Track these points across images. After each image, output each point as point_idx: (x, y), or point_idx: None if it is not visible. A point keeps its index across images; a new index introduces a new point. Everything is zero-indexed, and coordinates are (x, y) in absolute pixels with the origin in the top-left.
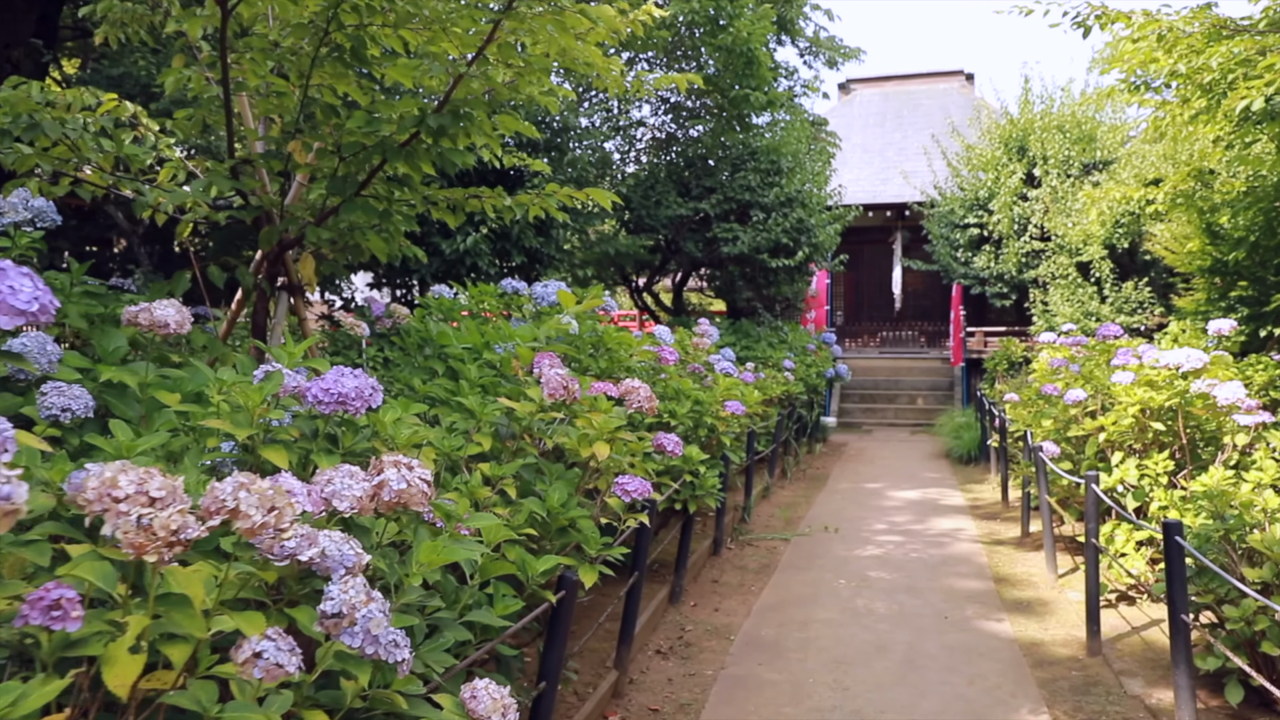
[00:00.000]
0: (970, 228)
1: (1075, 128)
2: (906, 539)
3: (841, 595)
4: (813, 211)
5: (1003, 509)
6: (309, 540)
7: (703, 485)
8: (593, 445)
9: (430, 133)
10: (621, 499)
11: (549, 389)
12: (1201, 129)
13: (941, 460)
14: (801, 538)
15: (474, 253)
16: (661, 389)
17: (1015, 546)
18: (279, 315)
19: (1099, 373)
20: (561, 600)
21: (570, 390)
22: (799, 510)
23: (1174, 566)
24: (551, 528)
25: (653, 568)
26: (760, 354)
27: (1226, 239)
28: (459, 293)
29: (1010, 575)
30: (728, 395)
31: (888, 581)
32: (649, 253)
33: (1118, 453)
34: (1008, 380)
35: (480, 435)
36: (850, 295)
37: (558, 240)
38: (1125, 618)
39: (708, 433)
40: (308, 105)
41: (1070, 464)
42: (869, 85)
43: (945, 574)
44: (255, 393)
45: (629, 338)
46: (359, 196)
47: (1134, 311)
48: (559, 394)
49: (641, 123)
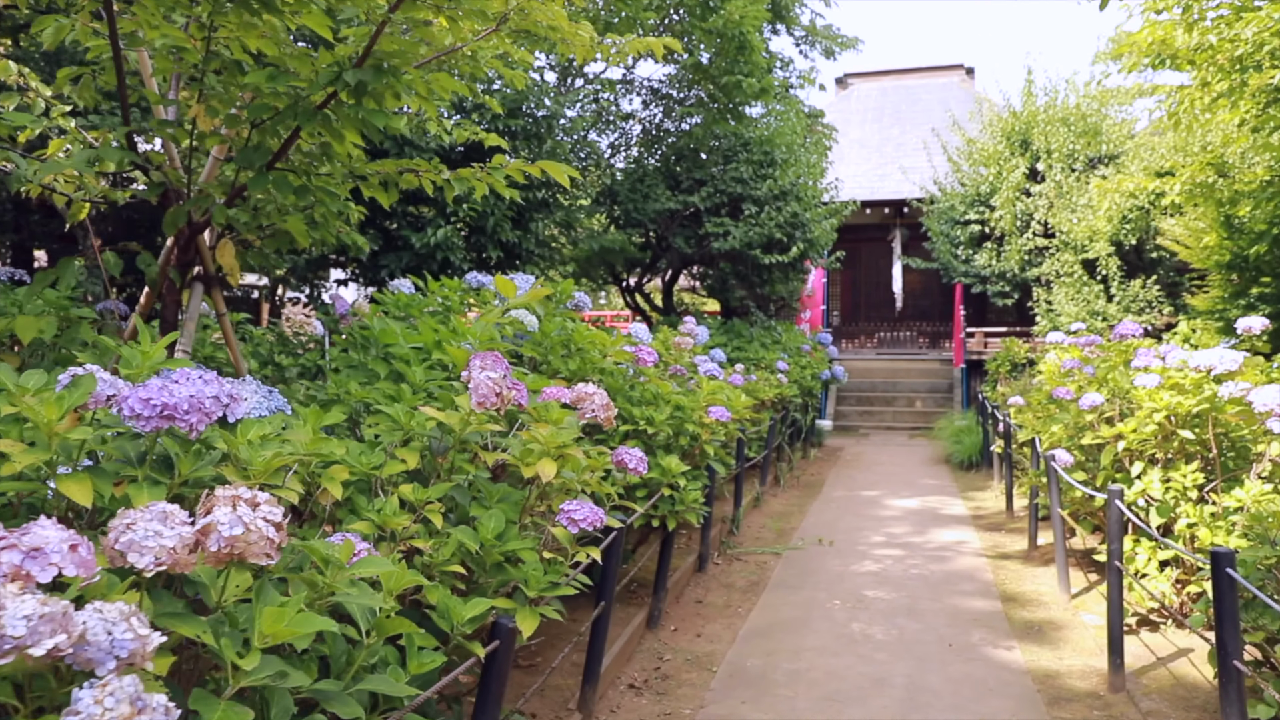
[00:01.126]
0: (971, 224)
1: (1080, 121)
2: (906, 553)
3: (836, 618)
4: (808, 205)
5: (1007, 519)
6: (54, 623)
7: (683, 499)
8: (537, 462)
9: (349, 91)
10: (568, 529)
11: (477, 396)
12: (1222, 115)
13: (941, 466)
14: (794, 551)
15: (446, 246)
16: (640, 393)
17: (1023, 561)
18: (191, 310)
19: (1116, 375)
20: (494, 654)
21: (504, 397)
22: (792, 521)
23: (1225, 604)
24: (486, 562)
25: (630, 588)
26: (752, 355)
27: (1246, 232)
28: (422, 288)
29: (1019, 594)
30: (712, 400)
31: (886, 602)
32: (639, 250)
33: (1138, 462)
34: (1010, 382)
35: (406, 450)
36: (848, 295)
37: (537, 233)
38: (1149, 646)
39: (690, 441)
40: (209, 62)
41: (1084, 474)
42: (867, 80)
43: (948, 593)
44: (52, 406)
45: (603, 337)
46: (273, 170)
47: (1142, 311)
48: (489, 402)
49: (631, 115)
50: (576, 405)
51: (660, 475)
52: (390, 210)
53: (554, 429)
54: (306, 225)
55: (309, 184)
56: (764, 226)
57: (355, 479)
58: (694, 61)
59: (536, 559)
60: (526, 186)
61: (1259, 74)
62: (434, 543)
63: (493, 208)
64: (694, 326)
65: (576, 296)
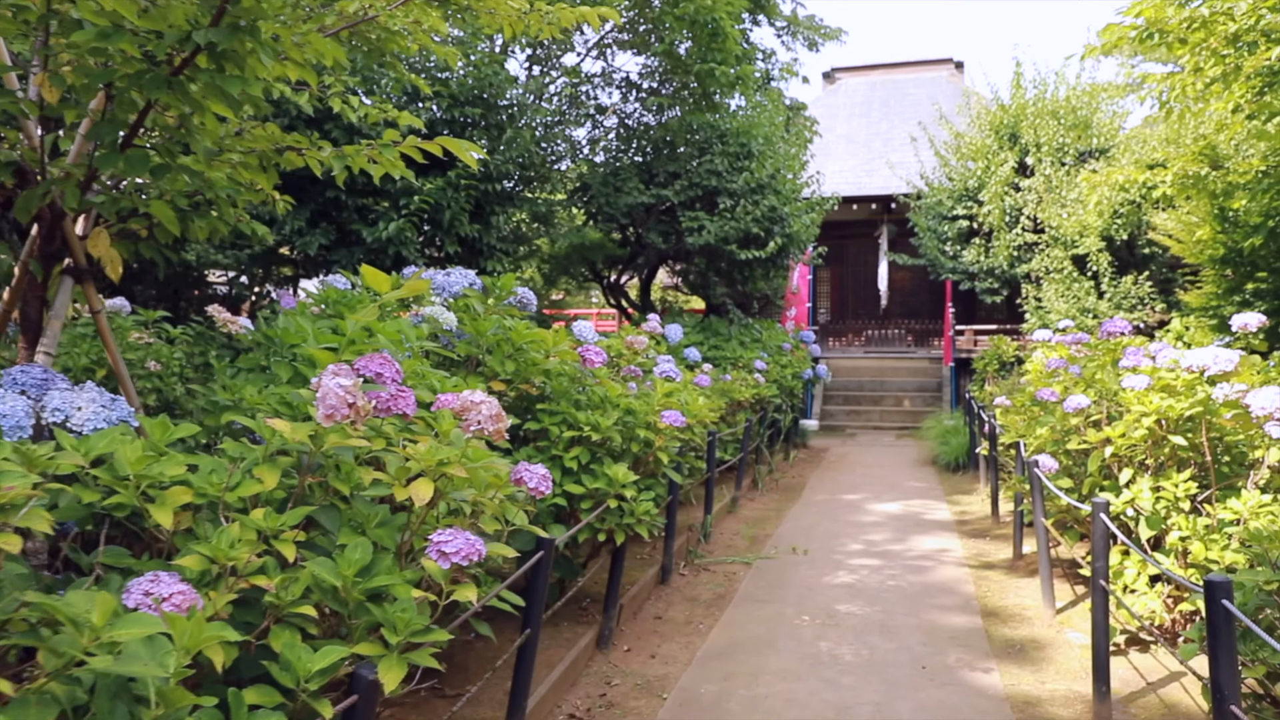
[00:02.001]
0: (959, 219)
1: (1070, 114)
2: (884, 562)
3: (803, 637)
4: (786, 199)
5: (993, 525)
6: None
7: (633, 511)
8: (410, 484)
9: (210, 56)
10: (439, 564)
11: (325, 407)
12: (1215, 103)
13: (927, 468)
14: (766, 561)
15: (399, 241)
16: (588, 397)
17: (1007, 571)
18: (57, 308)
19: (1104, 376)
20: (350, 713)
21: (360, 408)
22: (767, 527)
23: (1221, 639)
24: (349, 602)
25: (581, 604)
26: (730, 354)
27: (1240, 226)
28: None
29: (1001, 608)
30: (666, 404)
31: (858, 618)
32: (619, 246)
33: (1126, 469)
34: (998, 382)
35: (264, 468)
36: (835, 292)
37: (499, 227)
38: (1138, 668)
39: (642, 448)
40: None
41: (1070, 480)
42: (854, 74)
43: (926, 607)
44: None
45: (544, 335)
46: (130, 147)
47: (1133, 308)
48: (340, 414)
49: (602, 107)
50: (461, 415)
51: (606, 485)
52: (341, 203)
53: (434, 444)
54: (194, 211)
55: (171, 163)
56: (740, 221)
57: (204, 501)
58: (666, 49)
59: (410, 597)
60: (483, 178)
61: (1253, 55)
62: (281, 579)
63: (449, 200)
64: (655, 324)
65: (519, 292)
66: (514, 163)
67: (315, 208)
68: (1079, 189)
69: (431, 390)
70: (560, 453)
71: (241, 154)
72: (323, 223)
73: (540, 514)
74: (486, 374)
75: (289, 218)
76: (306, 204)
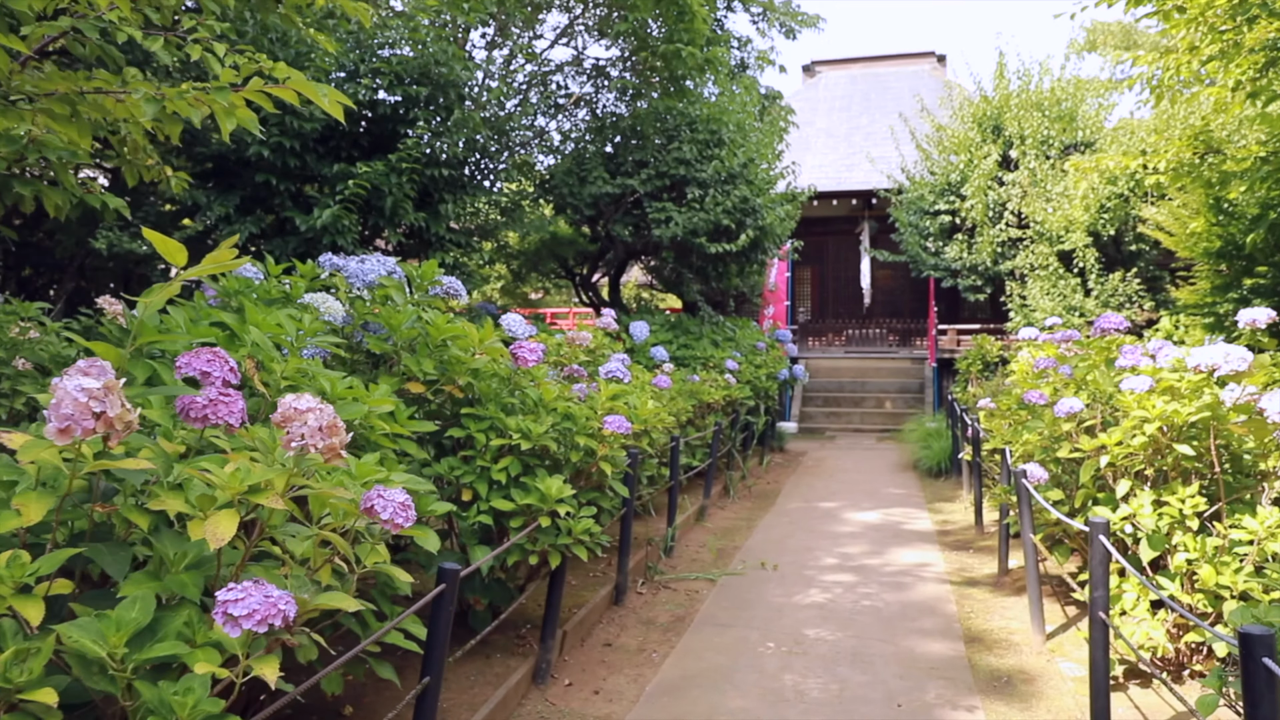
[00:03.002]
0: (941, 215)
1: (1054, 105)
2: (859, 578)
3: (767, 668)
4: (760, 190)
5: (977, 536)
6: None
7: (569, 530)
8: (207, 520)
9: None
10: (227, 630)
11: (60, 417)
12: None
13: (908, 473)
14: (732, 577)
15: (334, 229)
16: (520, 401)
17: (992, 589)
18: None
19: (1098, 377)
20: None
21: (115, 419)
22: (736, 539)
23: (1262, 708)
24: (117, 680)
25: (519, 632)
26: (701, 353)
27: (1238, 217)
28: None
29: (986, 633)
30: (611, 408)
31: (829, 645)
32: (589, 241)
33: (1123, 480)
34: (982, 383)
35: (29, 496)
36: (815, 291)
37: (448, 217)
38: (1139, 706)
39: (583, 458)
40: None
41: (1060, 492)
42: (835, 67)
43: (904, 631)
44: None
45: (469, 330)
46: None
47: (1121, 305)
48: (82, 427)
49: (570, 94)
50: (282, 427)
51: (539, 501)
52: (273, 188)
53: (247, 465)
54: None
55: None
56: (710, 212)
57: None
58: (631, 28)
59: (209, 671)
60: (428, 162)
61: (1253, 29)
62: (13, 652)
63: (390, 185)
64: (612, 320)
65: (445, 282)
66: (463, 145)
67: (245, 194)
68: (1065, 182)
69: (321, 394)
70: (487, 463)
71: (42, 99)
72: (255, 210)
73: (463, 533)
74: (399, 373)
75: (213, 203)
76: (234, 190)
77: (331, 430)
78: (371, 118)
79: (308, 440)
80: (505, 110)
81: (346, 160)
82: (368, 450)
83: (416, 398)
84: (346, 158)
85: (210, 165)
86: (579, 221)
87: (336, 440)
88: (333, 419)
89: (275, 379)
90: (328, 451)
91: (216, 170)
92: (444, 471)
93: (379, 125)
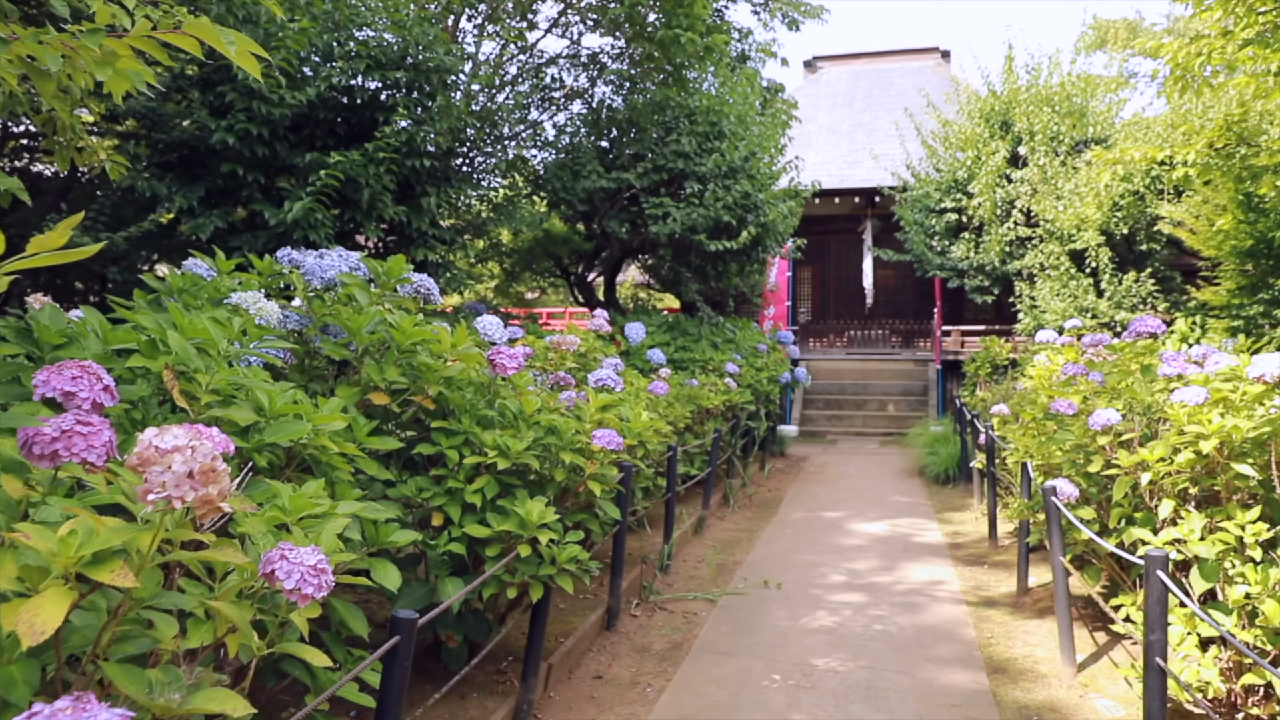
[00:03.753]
0: (947, 213)
1: (1065, 101)
2: (870, 599)
3: (772, 705)
4: (762, 185)
5: (990, 549)
6: None
7: (553, 559)
8: (23, 607)
9: None
10: None
11: None
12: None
13: (914, 479)
14: (733, 597)
15: (306, 223)
16: (499, 413)
17: (1012, 610)
18: None
19: (1134, 385)
20: None
21: None
22: (737, 553)
23: None
24: None
25: (500, 665)
26: (699, 356)
27: (1269, 214)
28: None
29: (1010, 661)
30: (601, 420)
31: (840, 677)
32: (584, 239)
33: (1167, 500)
34: (991, 386)
35: None
36: (816, 291)
37: (431, 211)
38: None
39: (568, 476)
40: None
41: (1090, 510)
42: (837, 63)
43: (920, 660)
44: None
45: (439, 334)
46: None
47: (1135, 307)
48: None
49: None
50: (139, 471)
51: (517, 527)
52: (240, 179)
53: (87, 526)
54: None
55: None
56: (709, 208)
57: None
58: (627, 10)
59: None
60: (408, 152)
61: None
62: None
63: (367, 176)
64: (604, 321)
65: (416, 280)
66: (445, 134)
67: (211, 185)
68: (1076, 179)
69: (258, 409)
70: (460, 484)
71: None
72: (223, 203)
73: (433, 563)
74: (362, 382)
75: (174, 195)
76: (199, 181)
77: (207, 476)
78: (348, 104)
79: (171, 492)
80: (496, 103)
81: (321, 150)
82: (319, 474)
83: (381, 410)
84: (321, 147)
85: (172, 155)
86: (573, 218)
87: (214, 489)
88: (209, 461)
89: (202, 392)
90: (201, 505)
91: (180, 160)
92: (410, 493)
93: (357, 113)
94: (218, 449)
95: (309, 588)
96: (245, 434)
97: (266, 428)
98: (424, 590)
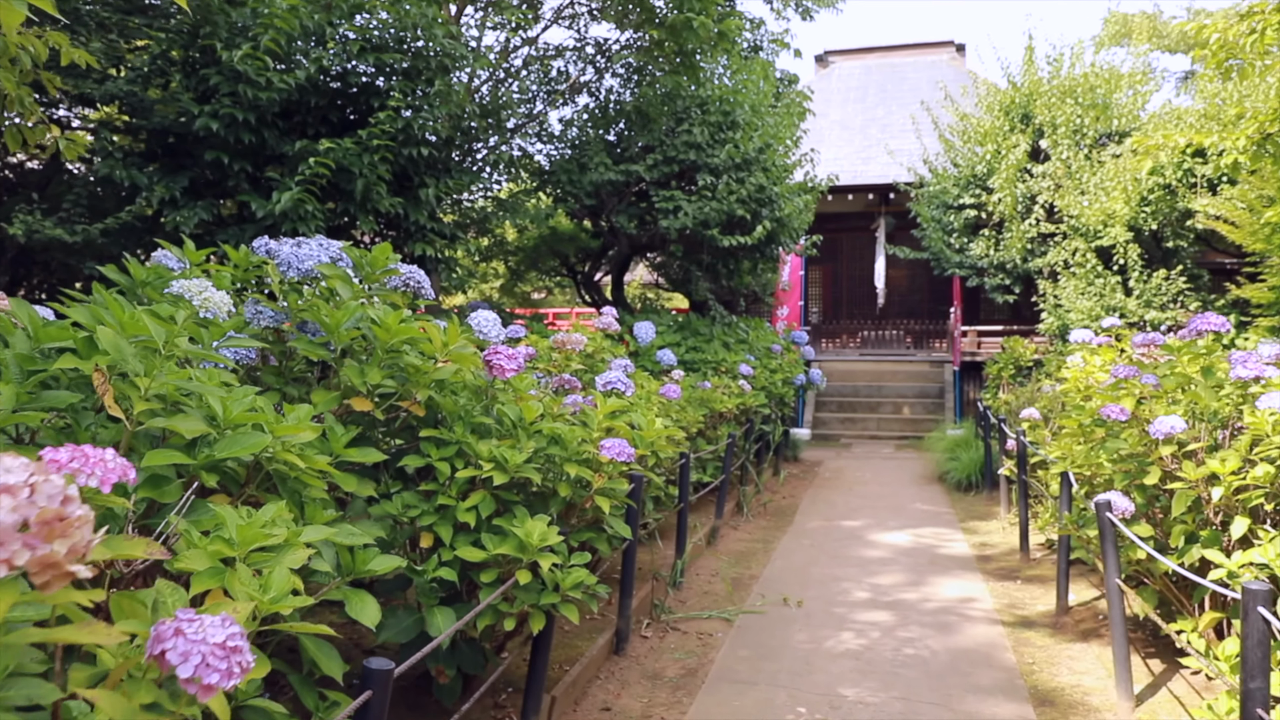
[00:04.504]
0: (966, 209)
1: (1088, 93)
2: (898, 618)
3: None
4: (777, 178)
5: (1022, 562)
6: None
7: (556, 585)
8: None
9: None
10: None
11: None
12: None
13: (934, 486)
14: (750, 616)
15: (295, 215)
16: (496, 422)
17: (1052, 631)
18: None
19: (1198, 390)
20: None
21: None
22: (753, 565)
23: None
24: None
25: (499, 697)
26: (712, 357)
27: None
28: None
29: (1056, 691)
30: (610, 428)
31: (871, 710)
32: (591, 236)
33: (1240, 518)
34: (1015, 389)
35: None
36: (828, 290)
37: (428, 203)
38: None
39: (573, 491)
40: None
41: (1148, 526)
42: (849, 57)
43: (958, 689)
44: None
45: (431, 332)
46: None
47: (1165, 306)
48: None
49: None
50: None
51: (516, 550)
52: (226, 167)
53: None
54: None
55: None
56: (722, 201)
57: None
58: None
59: None
60: (404, 140)
61: None
62: None
63: (360, 165)
64: (612, 319)
65: (405, 271)
66: (445, 122)
67: (194, 174)
68: (1101, 173)
69: (210, 421)
70: (452, 500)
71: None
72: (208, 194)
73: (421, 589)
74: (343, 385)
75: (155, 184)
76: (183, 170)
77: (51, 529)
78: (341, 89)
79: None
80: (500, 94)
81: (313, 138)
82: (285, 492)
83: (365, 418)
84: (313, 134)
85: (154, 142)
86: (580, 213)
87: (62, 546)
88: (56, 506)
89: (140, 399)
90: (41, 569)
91: (163, 148)
92: (396, 511)
93: (351, 99)
94: (110, 477)
95: (213, 675)
96: (192, 448)
97: (218, 441)
98: (411, 620)
